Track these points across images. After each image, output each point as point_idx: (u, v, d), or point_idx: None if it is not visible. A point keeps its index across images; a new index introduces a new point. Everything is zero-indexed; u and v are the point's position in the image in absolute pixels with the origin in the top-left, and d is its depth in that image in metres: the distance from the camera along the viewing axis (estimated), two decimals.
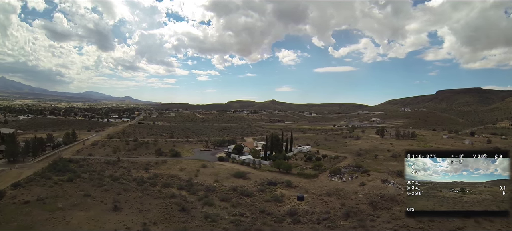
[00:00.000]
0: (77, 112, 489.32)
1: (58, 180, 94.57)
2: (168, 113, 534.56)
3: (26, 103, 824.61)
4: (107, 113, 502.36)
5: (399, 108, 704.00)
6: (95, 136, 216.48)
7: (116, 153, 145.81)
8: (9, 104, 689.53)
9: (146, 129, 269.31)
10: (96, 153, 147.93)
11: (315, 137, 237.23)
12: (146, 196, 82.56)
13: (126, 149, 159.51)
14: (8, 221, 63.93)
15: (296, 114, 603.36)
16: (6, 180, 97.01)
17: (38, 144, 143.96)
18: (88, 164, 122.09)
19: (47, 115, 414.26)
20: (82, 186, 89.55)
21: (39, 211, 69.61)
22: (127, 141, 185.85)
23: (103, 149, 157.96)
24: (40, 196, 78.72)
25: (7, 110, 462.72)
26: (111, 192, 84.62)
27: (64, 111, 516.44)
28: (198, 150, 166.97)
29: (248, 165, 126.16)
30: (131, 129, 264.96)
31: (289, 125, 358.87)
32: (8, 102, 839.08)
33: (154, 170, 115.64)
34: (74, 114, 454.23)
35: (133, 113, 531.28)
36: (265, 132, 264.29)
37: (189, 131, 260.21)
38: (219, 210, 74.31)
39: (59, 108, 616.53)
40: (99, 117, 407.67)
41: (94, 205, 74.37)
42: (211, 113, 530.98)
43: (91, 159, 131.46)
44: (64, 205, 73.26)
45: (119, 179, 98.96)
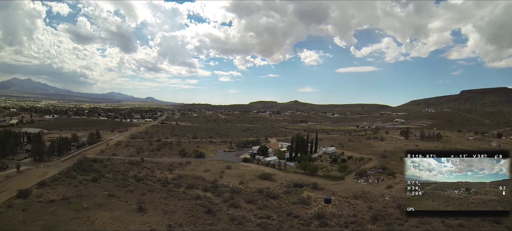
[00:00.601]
0: (101, 113, 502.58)
1: (82, 179, 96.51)
2: (191, 114, 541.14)
3: (51, 104, 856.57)
4: (130, 113, 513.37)
5: (422, 109, 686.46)
6: (118, 136, 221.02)
7: (140, 154, 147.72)
8: (35, 105, 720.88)
9: (169, 129, 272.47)
10: (120, 153, 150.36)
11: (339, 138, 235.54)
12: (171, 197, 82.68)
13: (149, 149, 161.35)
14: (33, 220, 65.25)
15: (319, 115, 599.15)
16: (32, 179, 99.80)
17: (63, 143, 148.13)
18: (112, 164, 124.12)
19: (71, 115, 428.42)
20: (106, 186, 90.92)
21: (64, 210, 70.86)
22: (151, 141, 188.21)
23: (126, 149, 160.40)
24: (65, 195, 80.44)
25: (33, 111, 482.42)
26: (135, 193, 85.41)
27: (88, 111, 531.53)
28: (222, 151, 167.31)
29: (273, 166, 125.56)
30: (154, 129, 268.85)
31: (312, 126, 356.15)
32: (34, 102, 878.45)
33: (178, 171, 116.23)
34: (98, 114, 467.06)
35: (156, 113, 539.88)
36: (288, 133, 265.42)
37: (212, 131, 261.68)
38: (245, 212, 73.67)
39: (83, 108, 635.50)
40: (122, 117, 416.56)
41: (119, 206, 75.10)
42: (234, 113, 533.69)
43: (115, 159, 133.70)
44: (89, 205, 74.43)
45: (143, 180, 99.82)
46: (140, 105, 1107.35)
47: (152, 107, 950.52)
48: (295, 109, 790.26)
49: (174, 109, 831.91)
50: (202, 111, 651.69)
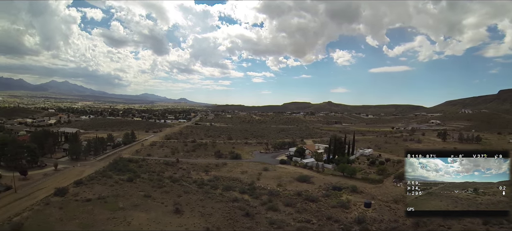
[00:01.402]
0: (135, 113, 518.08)
1: (118, 179, 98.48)
2: (224, 115, 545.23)
3: (87, 105, 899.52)
4: (164, 114, 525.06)
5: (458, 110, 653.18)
6: (153, 136, 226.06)
7: (175, 154, 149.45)
8: (72, 106, 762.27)
9: (203, 130, 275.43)
10: (155, 153, 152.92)
11: (375, 139, 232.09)
12: (208, 199, 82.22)
13: (184, 150, 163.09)
14: (70, 218, 66.63)
15: (352, 116, 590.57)
16: (69, 177, 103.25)
17: (99, 143, 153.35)
18: (147, 164, 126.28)
19: (106, 116, 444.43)
20: (142, 187, 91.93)
21: (100, 210, 72.02)
22: (185, 142, 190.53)
23: (161, 150, 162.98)
24: (101, 195, 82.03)
25: (70, 111, 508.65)
26: (171, 194, 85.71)
27: (122, 112, 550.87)
28: (258, 152, 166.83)
29: (311, 168, 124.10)
30: (188, 130, 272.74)
31: (346, 127, 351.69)
32: (71, 103, 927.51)
33: (214, 172, 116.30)
34: (132, 115, 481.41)
35: (189, 114, 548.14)
36: (323, 134, 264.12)
37: (247, 133, 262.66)
38: (284, 216, 72.12)
39: (118, 109, 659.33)
40: (156, 118, 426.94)
41: (155, 207, 75.36)
42: (268, 114, 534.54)
43: (150, 160, 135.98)
44: (125, 205, 75.28)
45: (179, 181, 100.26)
46: (173, 106, 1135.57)
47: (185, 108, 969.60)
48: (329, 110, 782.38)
49: (208, 110, 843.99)
50: (236, 112, 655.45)
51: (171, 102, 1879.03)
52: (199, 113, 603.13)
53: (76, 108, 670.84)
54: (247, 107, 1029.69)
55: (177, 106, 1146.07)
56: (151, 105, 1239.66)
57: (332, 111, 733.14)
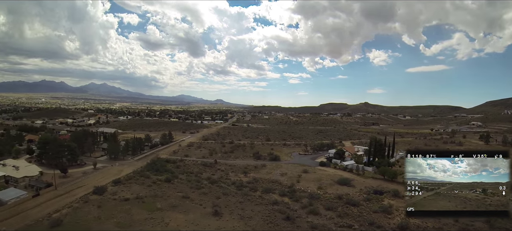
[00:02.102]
0: (171, 114, 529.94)
1: (156, 179, 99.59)
2: (261, 116, 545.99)
3: (125, 106, 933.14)
4: (200, 115, 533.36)
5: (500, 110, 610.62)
6: (190, 137, 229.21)
7: (213, 155, 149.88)
8: (110, 107, 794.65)
9: (240, 131, 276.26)
10: (192, 154, 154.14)
11: (414, 141, 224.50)
12: (247, 202, 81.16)
13: (222, 151, 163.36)
14: (108, 217, 67.67)
15: (390, 117, 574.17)
16: (107, 176, 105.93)
17: (137, 143, 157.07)
18: (185, 165, 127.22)
19: (143, 116, 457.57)
20: (180, 187, 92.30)
21: (138, 209, 72.66)
22: (223, 143, 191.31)
23: (199, 151, 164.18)
24: (139, 195, 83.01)
25: (108, 112, 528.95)
26: (210, 196, 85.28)
27: (159, 113, 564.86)
28: (297, 154, 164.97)
29: (351, 171, 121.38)
30: (225, 131, 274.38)
31: (384, 128, 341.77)
32: (109, 105, 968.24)
33: (253, 174, 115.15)
34: (169, 116, 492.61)
35: (226, 115, 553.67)
36: (361, 135, 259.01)
37: (285, 134, 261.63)
38: (325, 220, 69.96)
39: (154, 110, 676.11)
40: (192, 119, 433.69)
41: (193, 208, 75.04)
42: (305, 115, 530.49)
43: (187, 160, 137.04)
44: (162, 206, 75.50)
45: (217, 182, 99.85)
46: (209, 107, 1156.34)
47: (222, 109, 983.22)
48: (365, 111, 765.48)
49: (244, 111, 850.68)
50: (273, 113, 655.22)
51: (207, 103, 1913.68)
52: (236, 114, 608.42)
53: (114, 109, 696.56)
54: (284, 108, 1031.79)
55: (213, 107, 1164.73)
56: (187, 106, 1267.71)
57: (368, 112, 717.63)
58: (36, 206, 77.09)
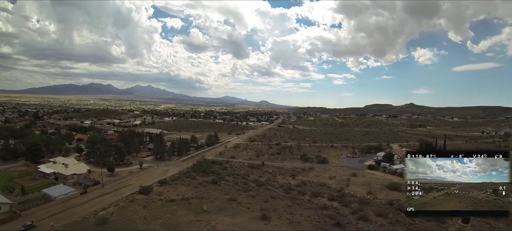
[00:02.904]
0: (216, 116, 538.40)
1: (202, 181, 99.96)
2: (307, 117, 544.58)
3: (169, 107, 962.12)
4: (245, 116, 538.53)
5: None
6: (236, 138, 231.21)
7: (259, 157, 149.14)
8: (155, 108, 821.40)
9: (286, 133, 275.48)
10: (239, 156, 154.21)
11: (465, 145, 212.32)
12: (296, 206, 79.21)
13: (269, 153, 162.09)
14: (154, 218, 68.10)
15: (436, 119, 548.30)
16: (153, 176, 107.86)
17: (183, 144, 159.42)
18: (231, 166, 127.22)
19: (188, 118, 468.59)
20: (227, 190, 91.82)
21: (184, 211, 72.67)
22: (270, 145, 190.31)
23: (245, 152, 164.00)
24: (185, 196, 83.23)
25: (154, 113, 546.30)
26: (257, 199, 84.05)
27: (204, 114, 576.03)
28: (344, 156, 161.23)
29: (401, 175, 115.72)
30: (271, 132, 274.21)
31: (431, 131, 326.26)
32: (154, 106, 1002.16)
33: (301, 177, 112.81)
34: (214, 117, 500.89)
35: (271, 117, 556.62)
36: (408, 138, 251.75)
37: (331, 136, 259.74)
38: (376, 227, 67.25)
39: (199, 111, 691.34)
40: (238, 120, 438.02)
41: (241, 212, 74.05)
42: (350, 117, 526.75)
43: (234, 162, 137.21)
44: (209, 208, 75.01)
45: (265, 185, 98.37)
46: (254, 109, 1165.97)
47: (267, 110, 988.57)
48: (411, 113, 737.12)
49: (289, 112, 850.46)
50: (318, 115, 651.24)
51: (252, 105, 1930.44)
52: (281, 116, 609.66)
53: (159, 110, 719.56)
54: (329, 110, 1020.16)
55: (258, 109, 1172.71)
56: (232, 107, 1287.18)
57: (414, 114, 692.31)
58: (83, 203, 79.67)
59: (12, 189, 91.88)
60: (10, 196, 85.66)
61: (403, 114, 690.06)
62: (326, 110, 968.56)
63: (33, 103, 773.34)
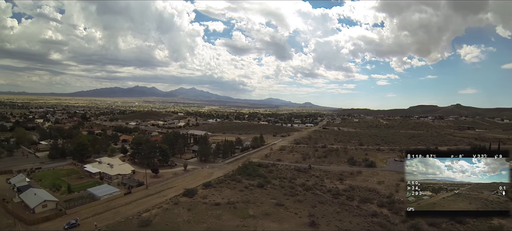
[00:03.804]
0: (260, 117, 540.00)
1: (248, 184, 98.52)
2: (351, 119, 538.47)
3: (213, 109, 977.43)
4: (290, 118, 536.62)
5: None
6: (281, 141, 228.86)
7: (306, 160, 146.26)
8: (199, 110, 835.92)
9: (332, 135, 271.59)
10: (285, 158, 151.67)
11: None
12: (344, 212, 76.08)
13: (315, 156, 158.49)
14: (198, 221, 67.17)
15: (485, 120, 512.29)
16: (198, 178, 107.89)
17: (228, 146, 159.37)
18: (277, 169, 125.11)
19: (232, 119, 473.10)
20: (273, 194, 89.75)
21: (229, 215, 71.27)
22: (316, 147, 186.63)
23: (291, 155, 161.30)
24: (231, 200, 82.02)
25: (197, 115, 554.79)
26: (305, 204, 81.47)
27: (248, 116, 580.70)
28: (392, 160, 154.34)
29: None
30: (316, 135, 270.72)
31: (481, 133, 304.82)
32: (198, 108, 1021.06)
33: (349, 181, 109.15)
34: (258, 119, 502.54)
35: (316, 118, 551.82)
36: (457, 141, 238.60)
37: (377, 138, 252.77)
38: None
39: (243, 113, 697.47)
40: (282, 122, 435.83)
41: (288, 217, 71.78)
42: (395, 119, 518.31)
43: (280, 165, 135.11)
44: (255, 213, 73.23)
45: (312, 189, 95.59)
46: (298, 110, 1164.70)
47: (311, 112, 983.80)
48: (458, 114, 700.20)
49: (333, 114, 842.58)
50: (362, 116, 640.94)
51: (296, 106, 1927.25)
52: (325, 117, 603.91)
53: (203, 112, 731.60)
54: (373, 111, 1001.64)
55: (302, 110, 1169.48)
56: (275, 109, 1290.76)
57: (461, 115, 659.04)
58: (127, 204, 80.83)
59: (59, 187, 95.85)
60: (56, 193, 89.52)
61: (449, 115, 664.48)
62: (370, 112, 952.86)
63: (81, 105, 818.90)
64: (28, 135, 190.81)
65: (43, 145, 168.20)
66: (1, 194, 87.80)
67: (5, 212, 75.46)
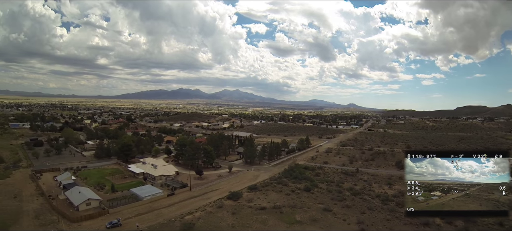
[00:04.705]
0: (305, 119, 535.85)
1: (295, 187, 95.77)
2: (396, 121, 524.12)
3: (257, 111, 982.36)
4: (334, 120, 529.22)
5: None
6: (327, 142, 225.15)
7: (353, 163, 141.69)
8: (243, 112, 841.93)
9: (378, 137, 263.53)
10: (332, 161, 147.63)
11: None
12: (395, 220, 71.56)
13: (362, 159, 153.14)
14: (242, 226, 65.36)
15: None
16: (243, 181, 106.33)
17: (274, 148, 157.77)
18: (324, 173, 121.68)
19: (277, 121, 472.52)
20: (320, 198, 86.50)
21: (275, 221, 68.84)
22: (362, 150, 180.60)
23: (338, 158, 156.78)
24: (277, 204, 79.44)
25: (242, 117, 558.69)
26: (353, 209, 77.89)
27: (292, 117, 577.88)
28: None
29: None
30: (362, 136, 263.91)
31: None
32: (242, 110, 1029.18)
33: (398, 186, 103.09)
34: (303, 120, 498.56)
35: (361, 120, 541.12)
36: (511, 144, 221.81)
37: (424, 140, 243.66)
38: None
39: (288, 115, 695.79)
40: (327, 124, 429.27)
41: (336, 224, 68.66)
42: (442, 120, 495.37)
43: (327, 168, 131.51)
44: (302, 219, 70.45)
45: (360, 194, 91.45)
46: (342, 112, 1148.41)
47: (355, 113, 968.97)
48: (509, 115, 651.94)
49: (378, 115, 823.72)
50: (407, 118, 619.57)
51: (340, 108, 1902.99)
52: (370, 119, 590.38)
53: (247, 113, 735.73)
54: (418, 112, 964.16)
55: (346, 112, 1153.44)
56: (320, 111, 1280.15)
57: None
58: (170, 206, 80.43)
59: (103, 186, 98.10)
60: (100, 192, 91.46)
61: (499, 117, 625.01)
62: (415, 113, 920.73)
63: (126, 107, 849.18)
64: (75, 135, 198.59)
65: (89, 145, 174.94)
66: (47, 191, 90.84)
67: (50, 208, 77.59)
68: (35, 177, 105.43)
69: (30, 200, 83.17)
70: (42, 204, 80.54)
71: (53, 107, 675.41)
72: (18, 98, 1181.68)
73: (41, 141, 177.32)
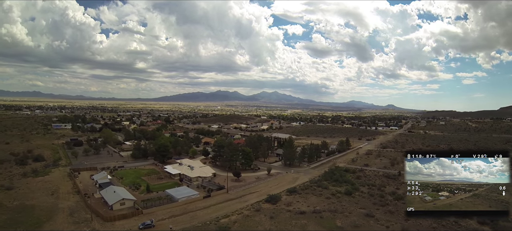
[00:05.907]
0: (344, 120, 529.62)
1: (335, 191, 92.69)
2: (437, 122, 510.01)
3: (296, 112, 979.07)
4: (373, 121, 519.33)
5: None
6: (367, 144, 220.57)
7: (394, 166, 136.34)
8: (282, 113, 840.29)
9: (418, 139, 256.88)
10: (372, 163, 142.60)
11: None
12: (441, 227, 67.05)
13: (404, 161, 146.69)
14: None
15: None
16: (282, 184, 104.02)
17: (313, 150, 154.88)
18: (365, 175, 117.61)
19: (316, 122, 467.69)
20: (362, 202, 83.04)
21: (315, 226, 66.12)
22: (403, 152, 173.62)
23: (379, 160, 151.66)
24: (316, 208, 76.62)
25: (281, 118, 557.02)
26: (396, 215, 73.82)
27: (331, 119, 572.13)
28: None
29: None
30: (402, 138, 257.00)
31: None
32: (280, 111, 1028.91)
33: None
34: (342, 122, 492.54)
35: (400, 121, 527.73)
36: None
37: (468, 142, 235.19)
38: None
39: (326, 116, 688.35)
40: (366, 125, 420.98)
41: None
42: (485, 121, 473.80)
43: (368, 171, 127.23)
44: (343, 224, 67.34)
45: (403, 199, 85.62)
46: (381, 113, 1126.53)
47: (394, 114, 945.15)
48: None
49: (417, 116, 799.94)
50: (448, 119, 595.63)
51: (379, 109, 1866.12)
52: (410, 120, 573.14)
53: (286, 115, 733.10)
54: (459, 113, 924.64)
55: (385, 113, 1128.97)
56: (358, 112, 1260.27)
57: None
58: (206, 208, 79.57)
59: (139, 186, 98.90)
60: (135, 192, 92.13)
61: None
62: (456, 114, 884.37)
63: (165, 109, 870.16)
64: (114, 136, 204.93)
65: (127, 145, 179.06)
66: (84, 189, 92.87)
67: (84, 207, 78.74)
68: (73, 176, 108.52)
69: (66, 198, 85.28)
70: (77, 202, 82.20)
71: (94, 109, 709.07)
72: (62, 101, 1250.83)
73: (81, 141, 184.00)
